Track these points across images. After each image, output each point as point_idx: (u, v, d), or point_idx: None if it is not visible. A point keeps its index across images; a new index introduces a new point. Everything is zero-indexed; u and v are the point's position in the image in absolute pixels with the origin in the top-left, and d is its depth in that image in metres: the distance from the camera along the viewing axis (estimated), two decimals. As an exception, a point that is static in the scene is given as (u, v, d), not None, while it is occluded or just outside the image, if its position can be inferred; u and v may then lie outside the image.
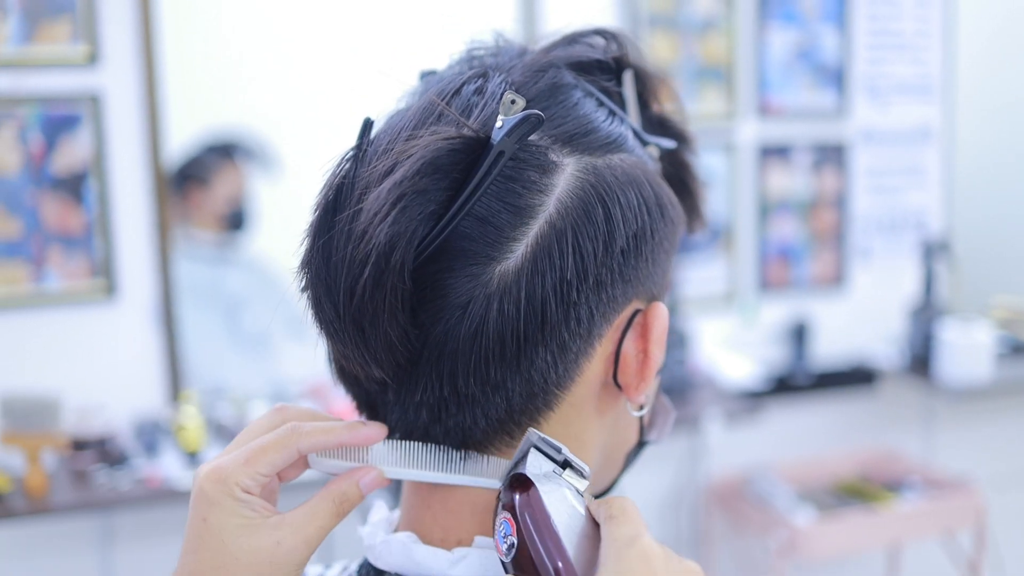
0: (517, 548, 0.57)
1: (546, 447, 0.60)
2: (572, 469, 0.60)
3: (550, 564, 0.56)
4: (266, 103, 3.11)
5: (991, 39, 3.82)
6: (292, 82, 3.10)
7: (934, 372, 3.07)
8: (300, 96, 3.08)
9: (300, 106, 3.06)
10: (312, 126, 2.91)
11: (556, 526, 0.57)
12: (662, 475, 3.11)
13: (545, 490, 0.58)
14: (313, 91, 3.04)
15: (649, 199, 0.66)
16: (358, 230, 0.58)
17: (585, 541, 0.58)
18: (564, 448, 0.60)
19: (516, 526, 0.58)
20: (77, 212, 2.46)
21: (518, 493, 0.58)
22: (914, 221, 3.40)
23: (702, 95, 3.07)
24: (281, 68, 3.11)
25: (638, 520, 0.58)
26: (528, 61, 0.68)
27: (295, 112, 3.07)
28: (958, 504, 2.90)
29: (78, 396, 2.44)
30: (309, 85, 3.07)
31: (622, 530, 0.57)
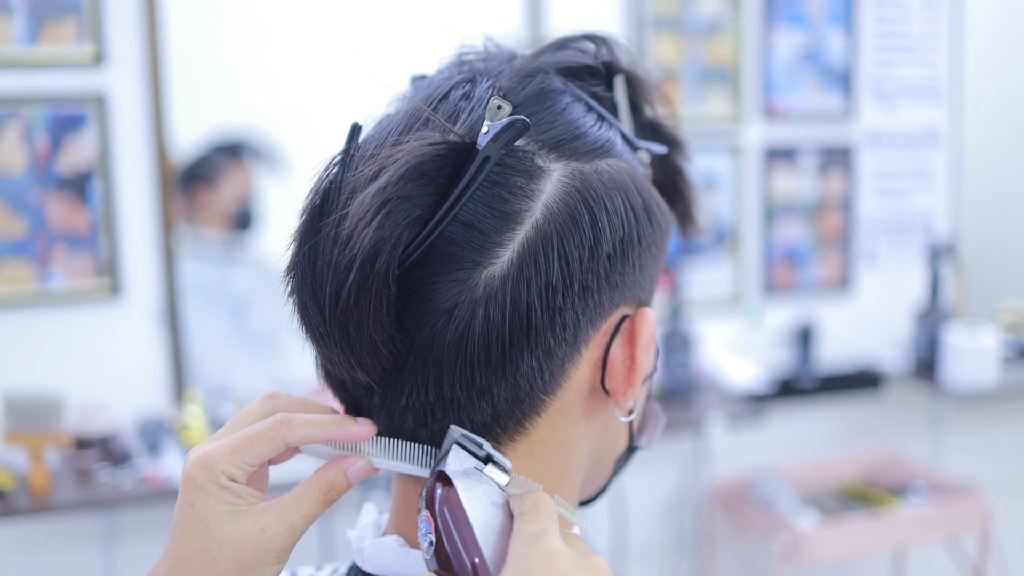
0: (436, 545, 0.58)
1: (468, 443, 0.60)
2: (494, 464, 0.60)
3: (467, 560, 0.57)
4: (273, 103, 3.12)
5: (998, 41, 3.81)
6: (299, 82, 3.11)
7: (940, 376, 3.06)
8: (307, 96, 3.08)
9: (307, 106, 3.07)
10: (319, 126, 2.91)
11: (472, 523, 0.58)
12: (665, 478, 3.11)
13: (463, 487, 0.59)
14: (320, 91, 3.05)
15: (636, 204, 0.66)
16: (344, 235, 0.59)
17: (503, 537, 0.59)
18: (486, 444, 0.60)
19: (435, 523, 0.58)
20: (82, 212, 2.46)
21: (438, 490, 0.59)
22: (921, 224, 3.39)
23: (707, 97, 3.07)
24: (287, 68, 3.12)
25: (545, 517, 0.58)
26: (516, 66, 0.68)
27: (302, 112, 3.07)
28: (963, 509, 2.89)
29: (82, 395, 2.45)
30: (316, 85, 3.07)
31: (527, 528, 0.57)
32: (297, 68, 3.11)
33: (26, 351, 2.47)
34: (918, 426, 3.39)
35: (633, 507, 3.00)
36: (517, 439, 0.64)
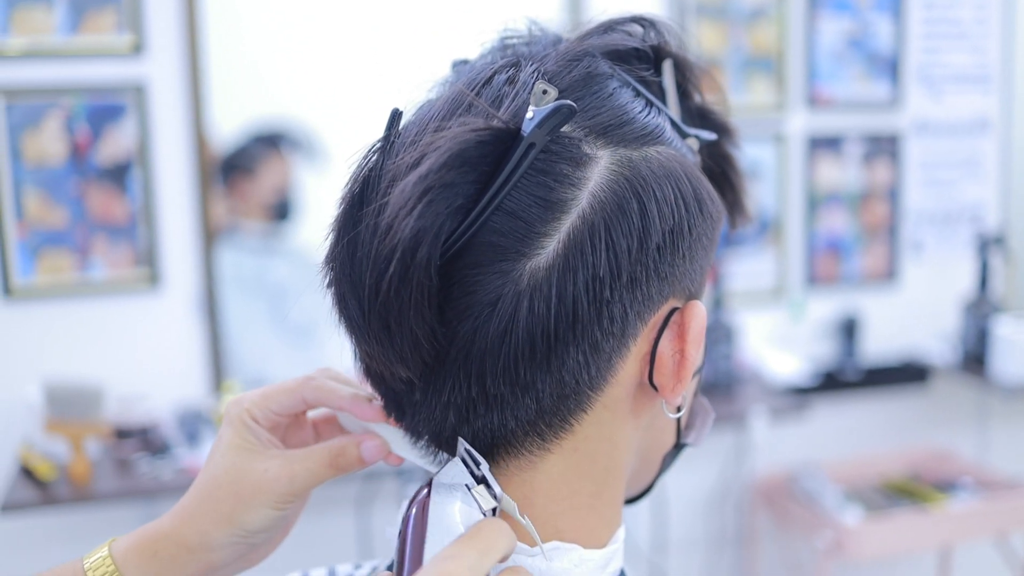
0: (398, 541, 0.60)
1: (469, 459, 0.60)
2: (486, 487, 0.60)
3: (409, 566, 0.58)
4: (312, 93, 3.11)
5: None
6: (338, 72, 3.10)
7: (988, 369, 3.01)
8: (347, 86, 3.07)
9: (347, 96, 3.06)
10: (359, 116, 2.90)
11: (428, 535, 0.58)
12: (707, 472, 3.08)
13: (438, 499, 0.59)
14: (360, 81, 3.04)
15: (687, 193, 0.63)
16: (384, 224, 0.56)
17: None
18: (484, 465, 0.60)
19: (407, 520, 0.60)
20: (121, 202, 2.47)
21: (420, 494, 0.60)
22: (969, 214, 3.33)
23: (750, 86, 3.02)
24: (327, 57, 3.11)
25: (473, 544, 0.56)
26: (562, 50, 0.65)
27: (341, 102, 3.06)
28: (1012, 505, 2.84)
29: (121, 385, 2.46)
30: (356, 75, 3.06)
31: (449, 548, 0.56)
32: (336, 57, 3.10)
33: (66, 341, 2.48)
34: (966, 420, 3.34)
35: (674, 501, 2.97)
36: (562, 436, 0.62)
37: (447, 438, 0.63)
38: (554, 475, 0.63)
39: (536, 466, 0.63)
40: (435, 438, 0.64)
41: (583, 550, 0.64)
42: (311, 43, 3.10)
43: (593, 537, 0.65)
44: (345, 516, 2.58)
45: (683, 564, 3.07)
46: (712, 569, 3.12)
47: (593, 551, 0.64)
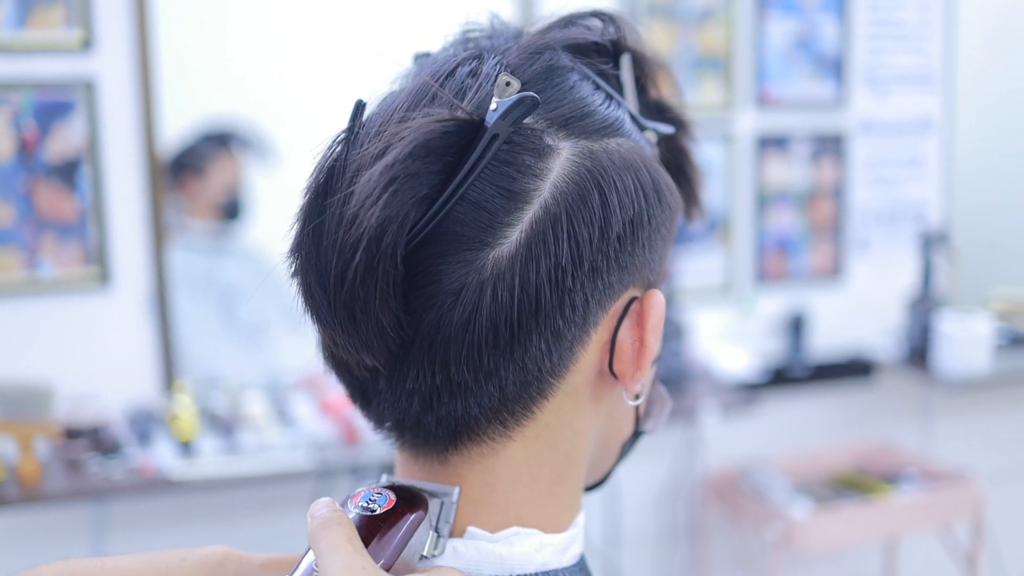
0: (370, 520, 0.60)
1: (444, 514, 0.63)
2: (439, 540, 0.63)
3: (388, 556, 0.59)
4: (262, 91, 3.10)
5: (992, 29, 3.81)
6: (289, 70, 3.09)
7: (932, 364, 3.07)
8: (297, 85, 3.06)
9: (296, 95, 3.05)
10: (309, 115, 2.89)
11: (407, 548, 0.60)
12: (659, 467, 3.11)
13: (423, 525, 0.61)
14: (310, 79, 3.03)
15: (646, 184, 0.64)
16: (349, 214, 0.57)
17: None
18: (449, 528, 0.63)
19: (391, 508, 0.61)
20: (71, 199, 2.44)
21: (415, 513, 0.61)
22: (913, 212, 3.39)
23: (700, 85, 3.06)
24: (278, 56, 3.09)
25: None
26: (524, 43, 0.66)
27: (291, 101, 3.05)
28: (956, 496, 2.89)
29: (71, 384, 2.43)
30: (306, 73, 3.05)
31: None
32: (288, 56, 3.09)
33: (15, 340, 2.45)
34: (910, 414, 3.40)
35: (626, 497, 2.99)
36: (524, 423, 0.63)
37: (411, 425, 0.64)
38: (516, 462, 0.64)
39: (498, 453, 0.64)
40: (399, 425, 0.65)
41: (543, 535, 0.65)
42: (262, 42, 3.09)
43: (553, 522, 0.66)
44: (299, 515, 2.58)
45: (636, 558, 3.09)
46: (664, 563, 3.15)
47: (553, 535, 0.65)
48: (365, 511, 0.60)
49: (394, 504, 0.61)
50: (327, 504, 0.59)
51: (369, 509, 0.60)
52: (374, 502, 0.61)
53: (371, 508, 0.60)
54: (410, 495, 0.62)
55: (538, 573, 0.64)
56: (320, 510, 0.59)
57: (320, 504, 0.59)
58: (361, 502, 0.61)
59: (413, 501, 0.62)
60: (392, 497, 0.61)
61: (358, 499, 0.62)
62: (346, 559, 0.55)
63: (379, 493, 0.62)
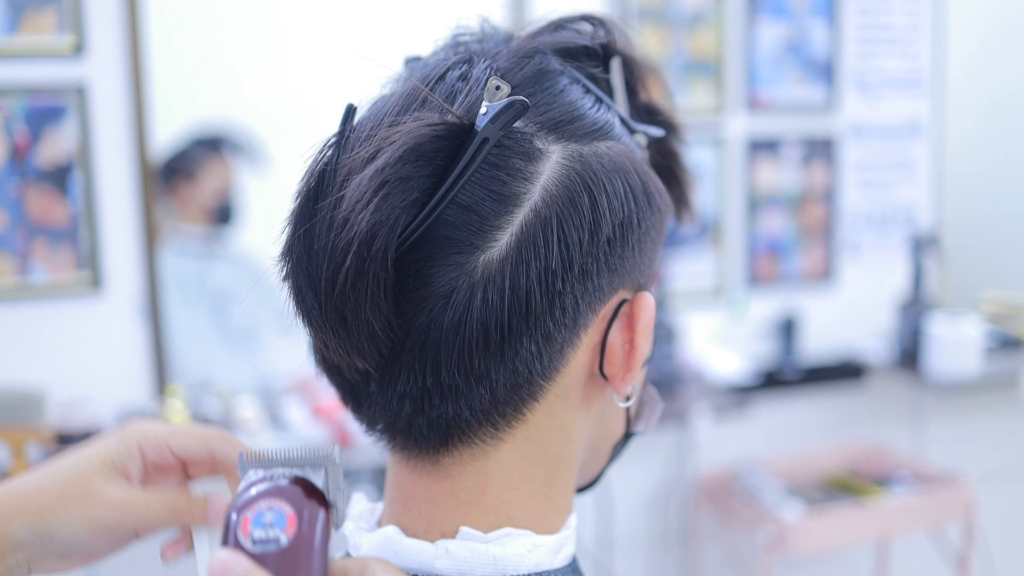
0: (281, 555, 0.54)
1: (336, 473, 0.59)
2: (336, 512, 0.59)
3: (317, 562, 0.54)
4: (254, 96, 3.10)
5: (981, 33, 3.82)
6: (281, 75, 3.09)
7: (923, 366, 3.08)
8: (289, 89, 3.06)
9: (288, 99, 3.05)
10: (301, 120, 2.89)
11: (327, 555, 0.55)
12: (650, 470, 3.11)
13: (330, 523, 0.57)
14: (302, 84, 3.03)
15: (636, 187, 0.65)
16: (340, 218, 0.58)
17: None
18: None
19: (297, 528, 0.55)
20: (62, 204, 2.44)
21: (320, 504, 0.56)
22: (903, 216, 3.40)
23: (691, 89, 3.07)
24: (270, 61, 3.09)
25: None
26: (514, 47, 0.67)
27: (283, 105, 3.05)
28: (947, 498, 2.90)
29: (63, 389, 2.42)
30: (298, 78, 3.05)
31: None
32: (280, 61, 3.09)
33: (6, 345, 2.44)
34: (902, 416, 3.41)
35: (619, 499, 3.00)
36: (515, 425, 0.64)
37: (402, 427, 0.64)
38: (507, 463, 0.65)
39: (489, 455, 0.64)
40: (390, 427, 0.65)
41: (535, 536, 0.65)
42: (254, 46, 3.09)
43: (545, 524, 0.66)
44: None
45: (628, 561, 3.10)
46: (657, 566, 3.15)
47: (546, 536, 0.66)
48: (267, 543, 0.54)
49: (296, 525, 0.54)
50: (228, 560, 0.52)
51: (272, 540, 0.54)
52: (273, 527, 0.54)
53: (274, 538, 0.54)
54: (301, 488, 0.56)
55: (531, 574, 0.64)
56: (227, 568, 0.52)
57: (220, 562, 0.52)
58: (257, 531, 0.54)
59: (307, 497, 0.56)
60: (290, 513, 0.55)
61: (249, 525, 0.54)
62: None
63: (272, 509, 0.55)
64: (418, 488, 0.65)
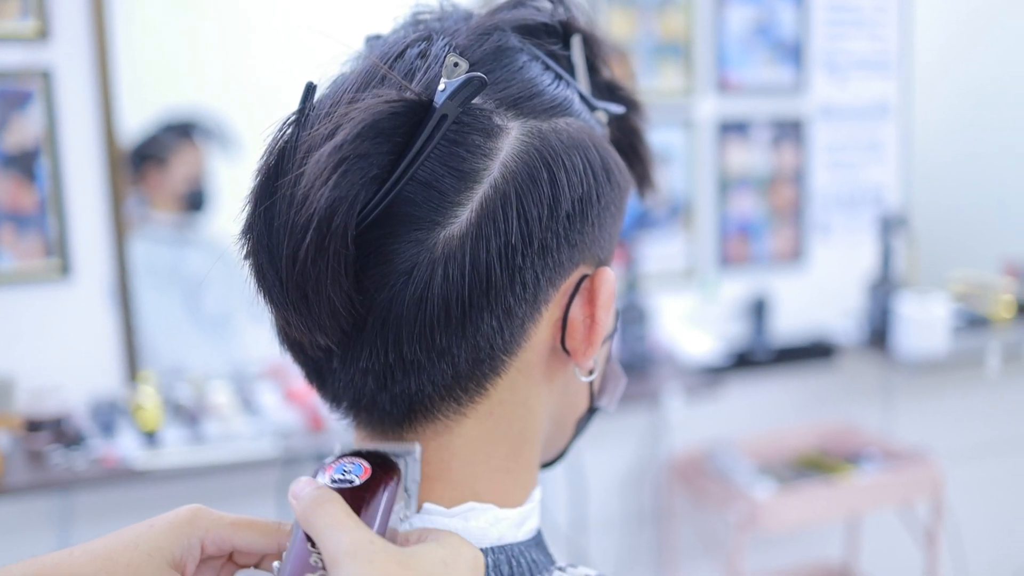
0: (351, 492, 0.59)
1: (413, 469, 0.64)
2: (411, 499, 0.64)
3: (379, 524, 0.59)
4: (224, 82, 3.08)
5: (949, 15, 3.85)
6: (251, 60, 3.07)
7: (892, 346, 3.11)
8: (259, 74, 3.04)
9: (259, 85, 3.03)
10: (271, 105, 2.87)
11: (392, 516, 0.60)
12: (623, 451, 3.13)
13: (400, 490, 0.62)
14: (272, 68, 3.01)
15: (595, 163, 0.65)
16: (300, 195, 0.58)
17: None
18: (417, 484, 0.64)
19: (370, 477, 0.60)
20: (29, 190, 2.42)
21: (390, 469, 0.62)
22: (872, 196, 3.43)
23: (661, 71, 3.07)
24: (239, 46, 3.08)
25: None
26: (473, 24, 0.67)
27: (254, 91, 3.03)
28: (916, 475, 2.93)
29: (33, 377, 2.41)
30: (268, 62, 3.03)
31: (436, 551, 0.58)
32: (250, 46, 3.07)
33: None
34: (871, 395, 3.44)
35: (592, 481, 3.01)
36: (478, 400, 0.64)
37: (366, 404, 0.64)
38: (471, 439, 0.65)
39: (453, 430, 0.65)
40: (354, 404, 0.65)
41: (499, 509, 0.66)
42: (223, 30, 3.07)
43: (509, 497, 0.67)
44: (265, 504, 2.57)
45: (602, 542, 3.12)
46: (631, 546, 3.17)
47: (509, 510, 0.66)
48: (343, 483, 0.60)
49: (370, 472, 0.60)
50: (309, 482, 0.59)
51: (347, 480, 0.60)
52: (349, 472, 0.61)
53: (349, 479, 0.60)
54: (381, 460, 0.62)
55: (494, 547, 0.65)
56: (304, 489, 0.58)
57: (301, 483, 0.59)
58: (335, 474, 0.61)
59: (385, 465, 0.62)
60: (366, 466, 0.61)
61: (331, 471, 0.61)
62: (352, 535, 0.55)
63: (351, 462, 0.61)
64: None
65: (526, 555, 0.67)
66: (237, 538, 0.63)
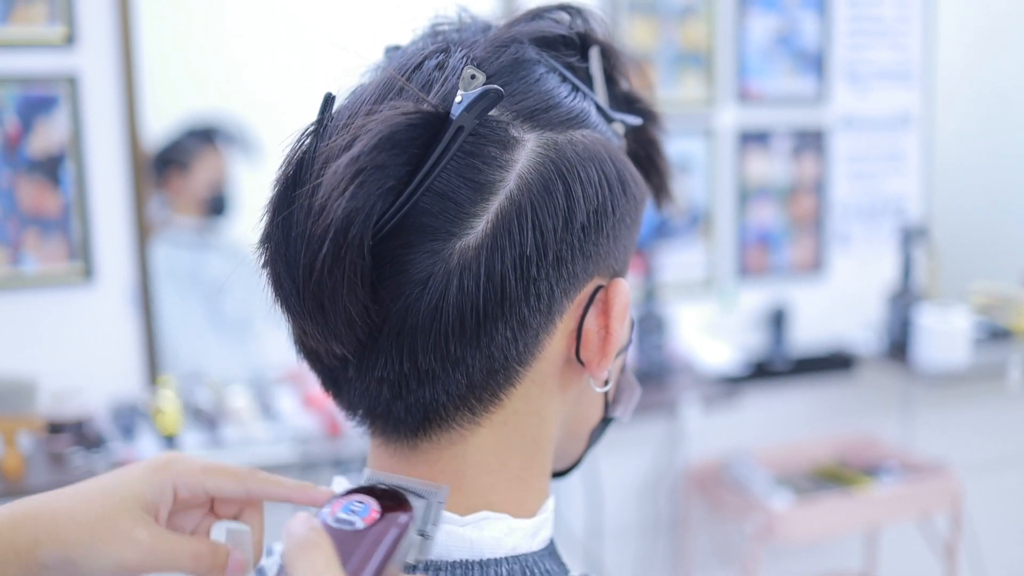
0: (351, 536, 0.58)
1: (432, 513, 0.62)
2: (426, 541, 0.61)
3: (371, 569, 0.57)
4: (247, 87, 3.10)
5: (971, 25, 3.83)
6: (274, 66, 3.09)
7: (912, 357, 3.09)
8: (282, 80, 3.06)
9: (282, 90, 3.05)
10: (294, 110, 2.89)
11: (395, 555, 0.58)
12: (640, 460, 3.12)
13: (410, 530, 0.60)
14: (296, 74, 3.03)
15: (611, 175, 0.66)
16: (317, 205, 0.58)
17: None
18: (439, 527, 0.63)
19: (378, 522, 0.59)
20: (54, 195, 2.44)
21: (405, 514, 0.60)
22: (893, 207, 3.41)
23: (681, 81, 3.07)
24: (263, 51, 3.10)
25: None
26: (491, 36, 0.67)
27: (277, 96, 3.05)
28: (935, 488, 2.92)
29: (55, 379, 2.43)
30: (291, 69, 3.05)
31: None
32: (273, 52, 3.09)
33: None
34: (890, 407, 3.42)
35: (608, 489, 3.01)
36: (492, 410, 0.65)
37: (381, 412, 0.65)
38: (484, 448, 0.66)
39: (467, 439, 0.65)
40: (369, 412, 0.66)
41: (512, 519, 0.66)
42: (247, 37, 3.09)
43: (523, 507, 0.67)
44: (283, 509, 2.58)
45: (618, 551, 3.11)
46: (646, 555, 3.17)
47: (523, 520, 0.67)
48: (345, 524, 0.58)
49: (377, 517, 0.59)
50: (305, 520, 0.57)
51: (349, 522, 0.58)
52: (355, 514, 0.59)
53: (351, 521, 0.58)
54: (395, 500, 0.61)
55: (508, 557, 0.65)
56: (297, 527, 0.57)
57: (297, 521, 0.57)
58: (341, 512, 0.59)
59: (397, 507, 0.60)
60: (375, 508, 0.60)
61: (338, 508, 0.60)
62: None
63: (360, 503, 0.60)
64: (397, 472, 0.66)
65: (540, 565, 0.67)
66: (209, 483, 0.66)
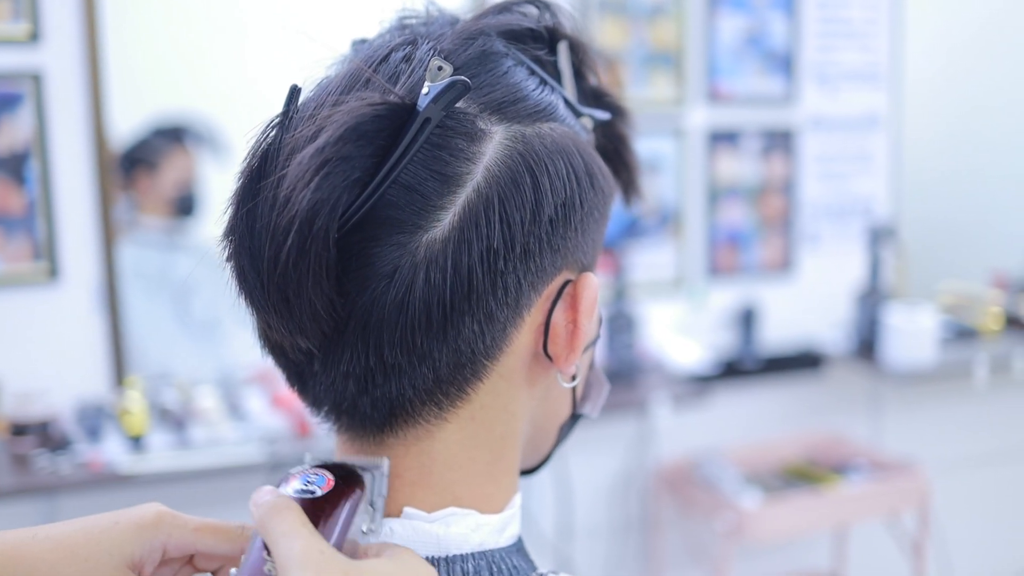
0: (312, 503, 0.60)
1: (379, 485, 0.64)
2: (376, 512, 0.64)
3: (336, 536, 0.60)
4: (216, 86, 3.08)
5: (939, 27, 3.87)
6: (242, 65, 3.07)
7: (880, 356, 3.11)
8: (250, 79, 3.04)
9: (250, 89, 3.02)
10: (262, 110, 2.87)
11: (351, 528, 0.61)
12: (611, 459, 3.13)
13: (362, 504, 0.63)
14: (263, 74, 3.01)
15: (579, 168, 0.65)
16: (282, 197, 0.57)
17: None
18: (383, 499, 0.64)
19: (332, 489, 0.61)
20: (18, 193, 2.41)
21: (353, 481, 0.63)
22: (861, 207, 3.44)
23: (651, 80, 3.08)
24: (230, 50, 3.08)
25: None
26: (458, 29, 0.67)
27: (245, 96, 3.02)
28: (903, 486, 2.94)
29: (20, 380, 2.40)
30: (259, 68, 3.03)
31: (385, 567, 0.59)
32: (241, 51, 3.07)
33: (-39, 336, 2.42)
34: (859, 405, 3.45)
35: (578, 488, 3.01)
36: (459, 405, 0.64)
37: (347, 408, 0.64)
38: (451, 444, 0.65)
39: (434, 435, 0.65)
40: (335, 408, 0.65)
41: (480, 515, 0.66)
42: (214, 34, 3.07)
43: (490, 503, 0.67)
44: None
45: (588, 550, 3.11)
46: (617, 554, 3.17)
47: (490, 516, 0.66)
48: (305, 493, 0.60)
49: (333, 484, 0.61)
50: (270, 491, 0.59)
51: (309, 491, 0.60)
52: (312, 483, 0.61)
53: (311, 490, 0.60)
54: (345, 472, 0.63)
55: (475, 553, 0.65)
56: (264, 496, 0.59)
57: (263, 491, 0.59)
58: (299, 484, 0.61)
59: (349, 479, 0.62)
60: (329, 477, 0.61)
61: (294, 481, 0.61)
62: (304, 542, 0.55)
63: (315, 474, 0.62)
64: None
65: (507, 561, 0.67)
66: (200, 543, 0.65)
